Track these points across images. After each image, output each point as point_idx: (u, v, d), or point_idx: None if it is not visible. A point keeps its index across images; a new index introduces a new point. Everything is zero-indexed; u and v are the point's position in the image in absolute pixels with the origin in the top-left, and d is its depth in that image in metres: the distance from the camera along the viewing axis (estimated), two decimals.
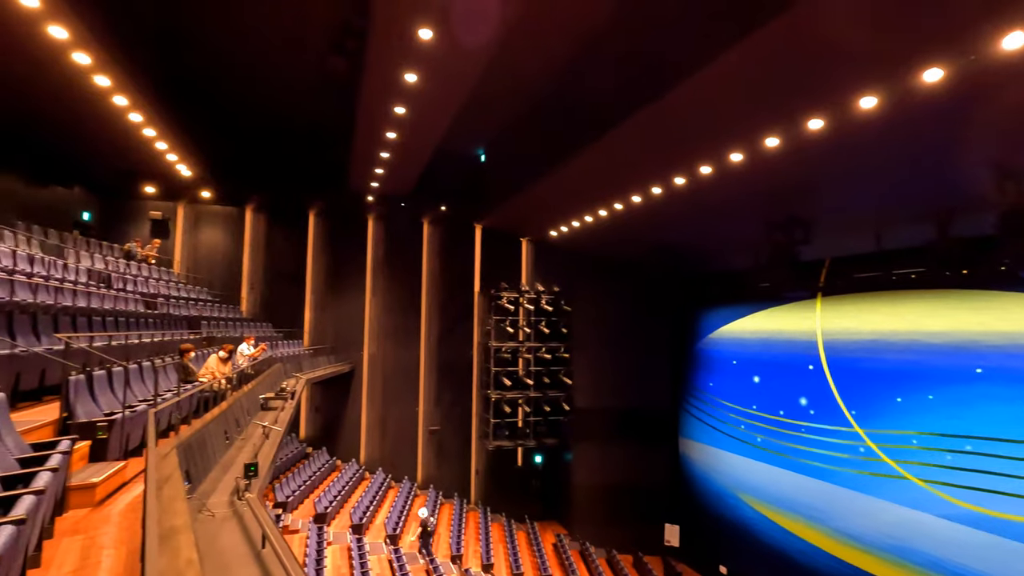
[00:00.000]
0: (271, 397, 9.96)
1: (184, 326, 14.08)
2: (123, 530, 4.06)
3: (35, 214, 15.90)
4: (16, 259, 9.86)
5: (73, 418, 5.16)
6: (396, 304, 24.05)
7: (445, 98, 13.52)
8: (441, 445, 23.76)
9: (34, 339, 6.85)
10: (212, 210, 22.48)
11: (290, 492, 16.73)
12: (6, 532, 2.44)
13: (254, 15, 13.49)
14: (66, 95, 12.63)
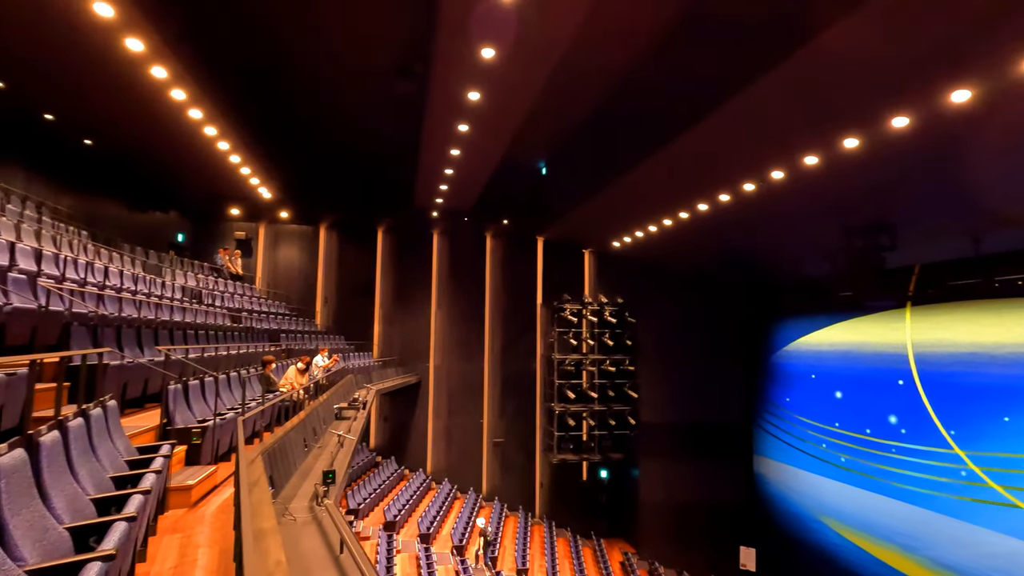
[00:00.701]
0: (344, 407, 10.38)
1: (265, 339, 14.96)
2: (215, 530, 4.35)
3: (137, 236, 17.54)
4: (122, 278, 10.86)
5: (172, 424, 5.60)
6: (460, 317, 24.48)
7: (507, 114, 13.74)
8: (505, 457, 23.82)
9: (138, 351, 7.50)
10: (290, 229, 23.86)
11: (361, 499, 17.28)
12: (120, 528, 2.69)
13: (328, 49, 14.30)
14: (164, 128, 13.87)
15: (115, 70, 10.89)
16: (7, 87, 12.12)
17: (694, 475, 21.58)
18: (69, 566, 2.27)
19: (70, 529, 2.69)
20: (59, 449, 3.04)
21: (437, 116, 13.96)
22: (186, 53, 11.12)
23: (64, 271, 8.47)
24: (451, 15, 9.65)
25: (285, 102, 17.36)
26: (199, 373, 6.97)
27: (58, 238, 10.85)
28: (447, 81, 12.00)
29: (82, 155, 15.95)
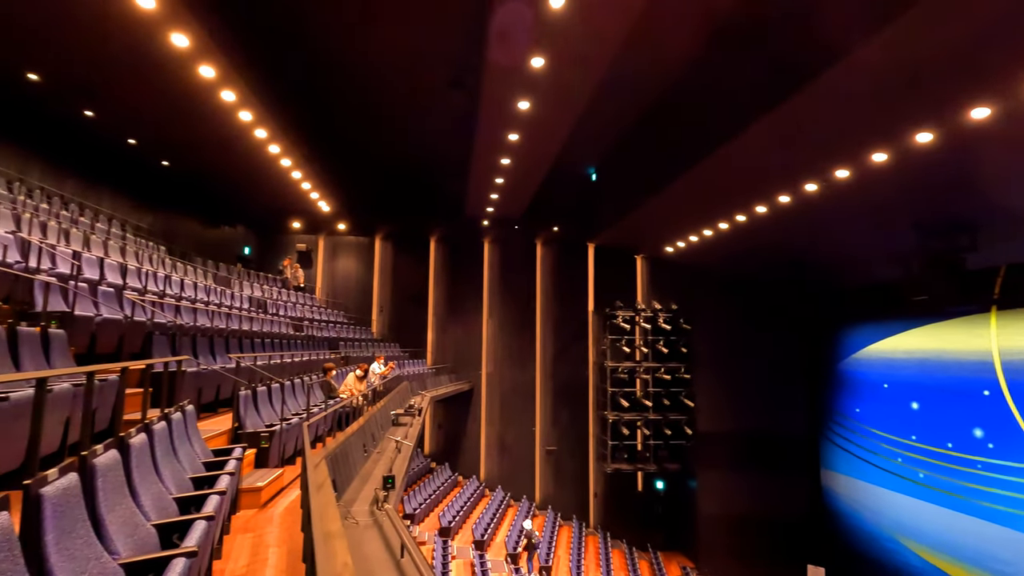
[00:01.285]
0: (401, 413, 10.61)
1: (325, 346, 15.53)
2: (283, 530, 4.54)
3: (209, 250, 18.65)
4: (196, 290, 11.57)
5: (242, 428, 5.89)
6: (511, 324, 24.59)
7: (556, 121, 13.77)
8: (558, 465, 23.65)
9: (211, 358, 7.96)
10: (347, 241, 24.75)
11: (417, 504, 17.57)
12: (201, 527, 2.85)
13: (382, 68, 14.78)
14: (232, 148, 14.72)
15: (190, 95, 11.68)
16: (96, 116, 13.21)
17: (756, 488, 20.70)
18: (157, 561, 2.42)
19: (156, 526, 2.88)
20: (146, 450, 3.26)
21: (487, 126, 14.16)
22: (252, 77, 11.79)
23: (146, 284, 9.10)
24: (501, 26, 9.79)
25: (343, 119, 18.06)
26: (266, 380, 7.32)
27: (140, 253, 11.68)
28: (497, 91, 12.16)
29: (161, 176, 17.15)
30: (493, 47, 10.40)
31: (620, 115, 15.87)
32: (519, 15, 9.14)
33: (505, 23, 9.54)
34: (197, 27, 9.46)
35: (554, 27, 9.42)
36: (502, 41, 10.09)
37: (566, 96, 12.33)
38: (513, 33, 9.63)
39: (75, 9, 8.95)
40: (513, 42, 9.90)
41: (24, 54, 10.69)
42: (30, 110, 12.61)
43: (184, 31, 9.47)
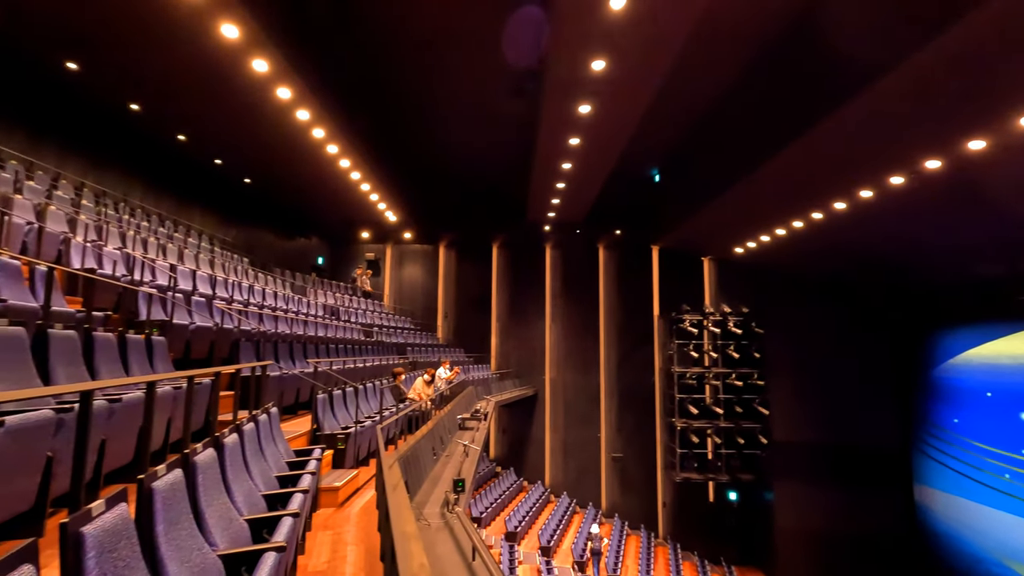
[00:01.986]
0: (467, 418, 10.77)
1: (394, 351, 16.04)
2: (360, 529, 4.71)
3: (286, 261, 19.77)
4: (275, 298, 12.29)
5: (320, 430, 6.18)
6: (574, 330, 24.42)
7: (618, 124, 13.61)
8: (625, 473, 23.19)
9: (290, 363, 8.42)
10: (412, 249, 25.50)
11: (483, 508, 17.74)
12: (288, 523, 3.02)
13: (444, 81, 15.17)
14: (306, 164, 15.56)
15: (267, 116, 12.46)
16: (188, 139, 14.36)
17: (840, 502, 19.42)
18: (250, 554, 2.59)
19: (248, 520, 3.07)
20: (237, 449, 3.49)
21: (549, 131, 14.19)
22: (323, 97, 12.43)
23: (232, 294, 9.75)
24: (561, 29, 9.80)
25: (407, 131, 18.66)
26: (340, 384, 7.65)
27: (226, 265, 12.54)
28: (558, 96, 12.17)
29: (243, 193, 18.38)
30: (554, 51, 10.42)
31: (685, 112, 15.47)
32: (580, 16, 9.11)
33: (566, 25, 9.54)
34: (275, 53, 10.09)
35: (615, 29, 9.33)
36: (563, 44, 10.10)
37: (628, 97, 12.16)
38: (574, 35, 9.61)
39: (171, 47, 9.78)
40: (574, 45, 9.88)
41: (129, 87, 11.81)
42: (132, 136, 13.88)
43: (264, 57, 10.13)
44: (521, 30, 10.21)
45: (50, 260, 6.00)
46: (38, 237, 5.94)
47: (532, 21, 10.05)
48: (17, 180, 8.46)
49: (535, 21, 9.99)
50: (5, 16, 9.25)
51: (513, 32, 10.22)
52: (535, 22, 10.02)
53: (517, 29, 10.14)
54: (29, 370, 3.10)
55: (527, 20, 9.98)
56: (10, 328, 2.96)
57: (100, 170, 13.34)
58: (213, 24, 9.08)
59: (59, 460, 2.63)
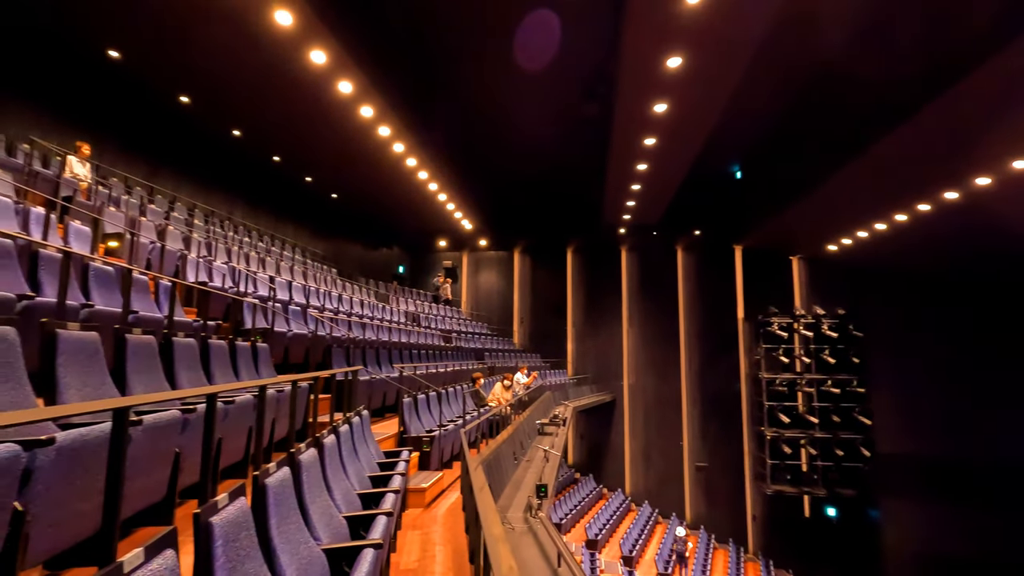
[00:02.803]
0: (546, 423, 10.78)
1: (472, 357, 16.35)
2: (447, 530, 4.84)
3: (370, 271, 20.76)
4: (362, 306, 12.92)
5: (407, 432, 6.42)
6: (653, 334, 23.78)
7: (696, 121, 13.16)
8: (710, 483, 22.22)
9: (376, 368, 8.81)
10: (488, 255, 25.94)
11: (563, 514, 17.62)
12: (382, 521, 3.16)
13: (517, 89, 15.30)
14: (387, 178, 16.29)
15: (351, 133, 13.19)
16: (281, 160, 15.47)
17: (957, 523, 17.50)
18: (350, 549, 2.73)
19: (346, 518, 3.24)
20: (335, 450, 3.70)
21: (623, 132, 13.98)
22: (403, 113, 12.99)
23: (323, 303, 10.37)
24: (635, 29, 9.64)
25: (481, 140, 19.04)
26: (424, 388, 7.91)
27: (317, 276, 13.36)
28: (632, 96, 11.98)
29: (330, 207, 19.54)
30: (627, 51, 10.27)
31: (770, 105, 14.67)
32: (654, 13, 8.93)
33: (640, 24, 9.38)
34: (358, 74, 10.68)
35: (692, 23, 9.05)
36: (637, 44, 9.93)
37: (706, 93, 11.74)
38: (648, 33, 9.43)
39: (265, 76, 10.61)
40: (648, 43, 9.69)
41: (231, 116, 12.93)
42: (233, 160, 15.17)
43: (348, 79, 10.75)
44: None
45: (170, 275, 6.66)
46: (160, 255, 6.62)
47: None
48: (141, 204, 9.47)
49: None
50: (134, 60, 10.44)
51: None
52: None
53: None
54: (158, 374, 3.46)
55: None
56: (143, 337, 3.32)
57: (208, 192, 14.68)
58: (303, 51, 9.76)
59: (185, 456, 2.91)
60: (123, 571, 1.29)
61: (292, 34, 9.29)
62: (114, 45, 10.13)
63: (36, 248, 3.82)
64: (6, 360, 2.18)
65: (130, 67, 10.77)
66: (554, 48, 10.75)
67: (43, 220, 5.07)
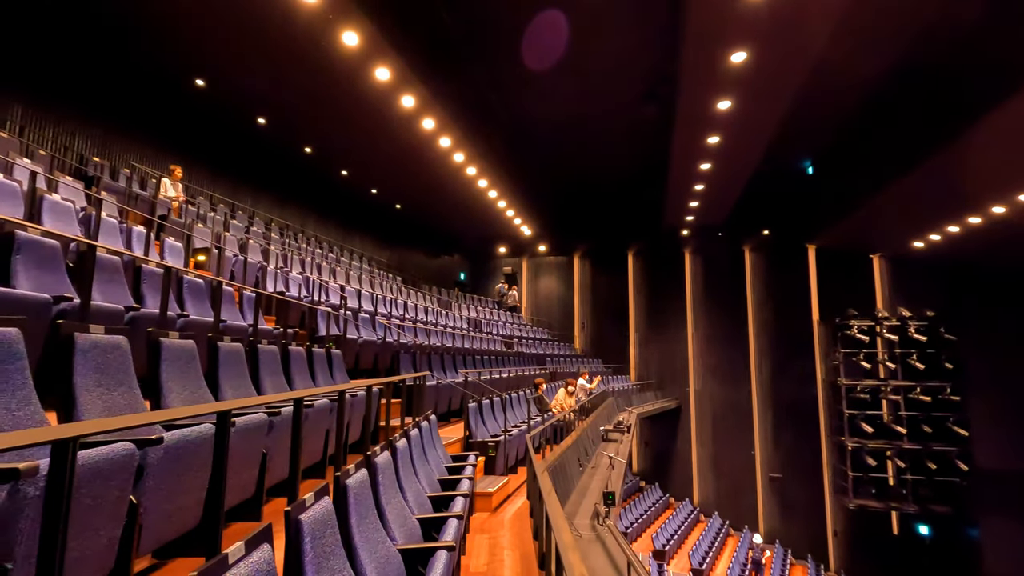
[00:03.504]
0: (610, 429, 10.63)
1: (533, 362, 16.38)
2: (514, 535, 4.87)
3: (432, 278, 21.27)
4: (426, 313, 13.26)
5: (473, 437, 6.52)
6: (720, 338, 22.94)
7: (762, 116, 12.65)
8: (785, 495, 21.11)
9: (441, 373, 9.01)
10: (547, 261, 25.95)
11: (629, 523, 17.27)
12: (453, 524, 3.23)
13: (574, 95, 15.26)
14: (448, 187, 16.66)
15: (413, 146, 13.62)
16: (349, 174, 16.18)
17: None
18: (424, 551, 2.81)
19: (418, 519, 3.34)
20: (407, 453, 3.82)
21: (685, 132, 13.64)
22: (462, 125, 13.28)
23: (390, 310, 10.72)
24: (697, 24, 9.41)
25: (539, 148, 19.10)
26: (488, 393, 8.01)
27: (383, 284, 13.83)
28: (695, 94, 11.68)
29: (394, 217, 20.20)
30: (689, 48, 10.04)
31: (844, 95, 13.87)
32: (716, 8, 8.68)
33: (702, 18, 9.14)
34: (420, 89, 11.03)
35: (756, 16, 8.73)
36: (699, 39, 9.68)
37: (773, 88, 11.26)
38: (711, 28, 9.18)
39: (333, 95, 11.15)
40: (711, 38, 9.43)
41: (303, 135, 13.68)
42: (305, 175, 16.00)
43: (411, 93, 11.11)
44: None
45: (251, 286, 7.11)
46: (244, 267, 7.08)
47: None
48: (225, 220, 10.17)
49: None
50: (218, 87, 11.28)
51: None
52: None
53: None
54: (245, 379, 3.70)
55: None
56: (232, 344, 3.56)
57: (283, 206, 15.56)
58: (368, 69, 10.18)
59: (271, 456, 3.10)
60: (228, 562, 1.40)
61: (358, 53, 9.72)
62: (200, 75, 10.97)
63: (139, 263, 4.19)
64: (121, 366, 2.41)
65: (214, 94, 11.63)
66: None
67: (144, 238, 5.55)
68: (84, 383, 2.21)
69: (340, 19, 8.92)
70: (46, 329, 2.81)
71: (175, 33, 9.75)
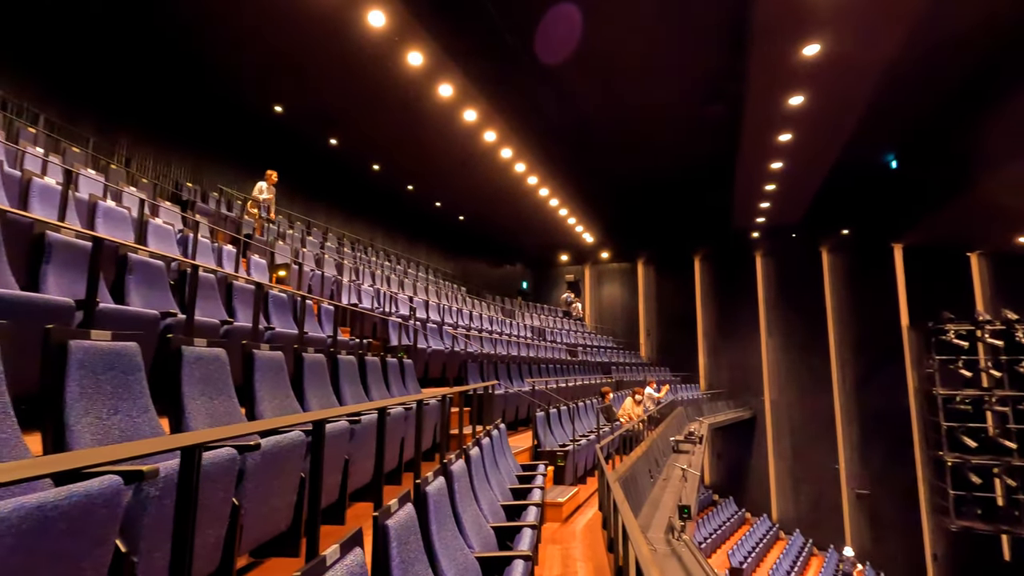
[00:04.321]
0: (681, 440, 10.30)
1: (598, 371, 16.17)
2: (587, 546, 4.80)
3: (495, 287, 21.49)
4: (490, 322, 13.41)
5: (541, 446, 6.51)
6: (797, 345, 21.73)
7: (839, 110, 11.97)
8: (875, 514, 19.61)
9: (509, 382, 9.07)
10: (610, 268, 25.61)
11: (702, 538, 16.61)
12: (528, 533, 3.23)
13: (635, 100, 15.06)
14: (510, 197, 16.85)
15: (476, 158, 13.89)
16: (415, 189, 16.71)
17: None
18: (500, 559, 2.83)
19: (493, 528, 3.37)
20: (479, 462, 3.87)
21: (753, 130, 13.13)
22: (523, 135, 13.41)
23: (456, 320, 10.93)
24: (765, 18, 9.06)
25: (599, 151, 18.96)
26: (555, 402, 7.98)
27: (448, 294, 14.13)
28: (764, 91, 11.22)
29: (457, 229, 20.64)
30: (757, 45, 9.68)
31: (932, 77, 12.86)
32: (786, 3, 8.33)
33: (771, 12, 8.79)
34: (481, 101, 11.26)
35: (829, 6, 8.30)
36: (768, 34, 9.32)
37: (850, 79, 10.63)
38: (781, 21, 8.81)
39: (404, 114, 11.59)
40: (781, 31, 9.05)
41: (372, 153, 14.31)
42: (373, 191, 16.68)
43: (472, 107, 11.36)
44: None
45: (327, 298, 7.47)
46: (321, 281, 7.45)
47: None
48: (302, 236, 10.76)
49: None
50: (294, 112, 12.02)
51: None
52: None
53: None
54: (327, 387, 3.89)
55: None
56: (315, 355, 3.76)
57: (353, 222, 16.28)
58: (432, 86, 10.51)
59: (352, 462, 3.23)
60: (326, 564, 1.47)
61: (422, 72, 10.06)
62: (278, 102, 11.73)
63: (231, 280, 4.51)
64: (221, 376, 2.60)
65: (290, 118, 12.39)
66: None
67: (233, 256, 5.96)
68: (190, 392, 2.40)
69: (405, 41, 9.27)
70: (155, 342, 3.08)
71: (255, 66, 10.50)
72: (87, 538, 1.30)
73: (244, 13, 8.90)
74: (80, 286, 2.99)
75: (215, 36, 9.64)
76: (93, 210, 4.40)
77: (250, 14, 8.91)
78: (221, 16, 9.01)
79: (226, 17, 9.04)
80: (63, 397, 1.80)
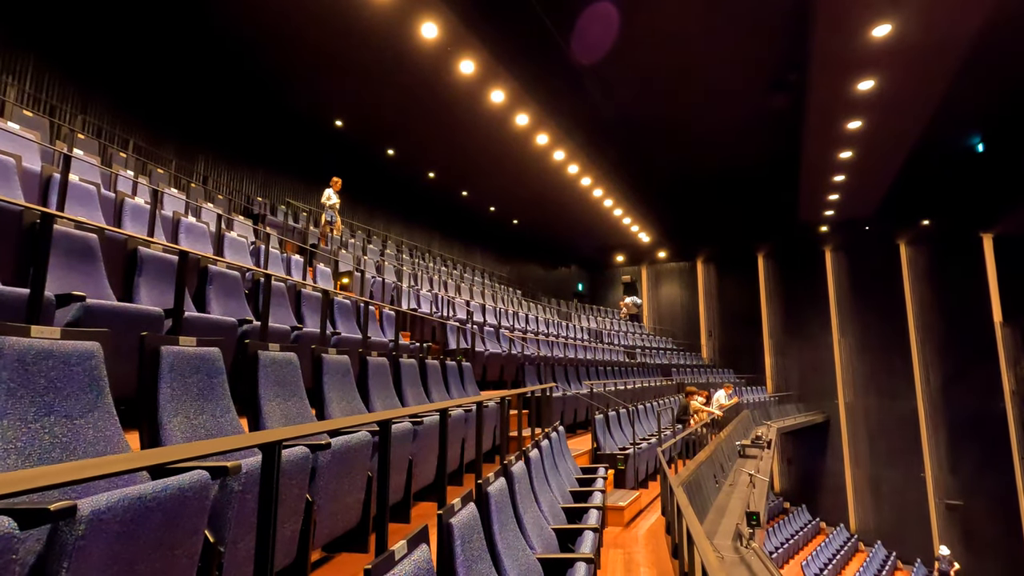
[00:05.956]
0: (748, 444, 9.90)
1: (658, 373, 15.81)
2: (650, 551, 4.71)
3: (551, 289, 21.48)
4: (546, 325, 13.40)
5: (600, 449, 6.44)
6: (874, 345, 20.42)
7: (915, 92, 11.18)
8: (967, 526, 18.09)
9: (566, 384, 9.03)
10: (668, 267, 24.99)
11: (773, 548, 15.88)
12: (590, 536, 3.21)
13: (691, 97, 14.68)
14: (564, 199, 16.79)
15: (530, 162, 13.96)
16: (469, 194, 16.98)
17: None
18: (562, 561, 2.83)
19: (554, 530, 3.37)
20: (539, 464, 3.88)
21: (818, 119, 12.48)
22: (575, 137, 13.36)
23: (512, 323, 11.00)
24: (828, 2, 8.61)
25: (654, 148, 18.57)
26: (613, 405, 7.88)
27: (504, 297, 14.24)
28: (829, 77, 10.65)
29: (512, 233, 20.78)
30: (820, 30, 9.21)
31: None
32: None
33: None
34: (533, 105, 11.30)
35: None
36: (832, 21, 8.86)
37: (925, 59, 9.92)
38: (844, 6, 8.35)
39: (458, 121, 11.82)
40: (845, 16, 8.58)
41: (427, 162, 14.69)
42: (428, 198, 17.08)
43: (524, 111, 11.43)
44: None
45: (389, 304, 7.71)
46: (382, 287, 7.71)
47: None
48: (363, 244, 11.17)
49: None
50: (354, 126, 12.52)
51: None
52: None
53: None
54: (390, 390, 4.02)
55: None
56: (378, 359, 3.89)
57: (411, 228, 16.73)
58: (484, 93, 10.66)
59: (416, 462, 3.32)
60: (395, 559, 1.53)
61: (474, 79, 10.23)
62: (340, 116, 12.25)
63: (299, 288, 4.74)
64: (293, 379, 2.74)
65: (350, 132, 12.92)
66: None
67: (300, 265, 6.27)
68: (266, 394, 2.55)
69: (457, 50, 9.46)
70: (233, 348, 3.29)
71: (317, 84, 11.02)
72: (180, 528, 1.42)
73: (307, 36, 9.37)
74: (167, 296, 3.24)
75: (282, 58, 10.20)
76: (177, 226, 4.76)
77: (313, 38, 9.38)
78: (290, 38, 9.54)
79: (294, 40, 9.56)
80: (157, 398, 1.96)
